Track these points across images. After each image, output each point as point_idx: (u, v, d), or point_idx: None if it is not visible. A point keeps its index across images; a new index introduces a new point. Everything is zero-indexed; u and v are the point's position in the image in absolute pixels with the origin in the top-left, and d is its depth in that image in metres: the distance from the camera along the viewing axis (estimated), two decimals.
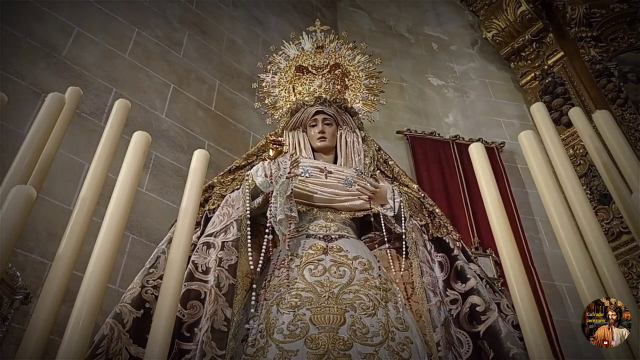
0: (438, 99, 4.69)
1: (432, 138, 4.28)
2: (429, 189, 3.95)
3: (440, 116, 4.55)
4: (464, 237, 3.72)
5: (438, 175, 4.05)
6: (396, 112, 4.37)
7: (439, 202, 3.86)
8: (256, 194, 1.86)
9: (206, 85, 3.60)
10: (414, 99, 4.63)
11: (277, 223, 1.72)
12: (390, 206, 1.91)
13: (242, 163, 2.12)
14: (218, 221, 1.77)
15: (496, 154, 4.25)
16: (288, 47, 2.38)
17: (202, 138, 3.30)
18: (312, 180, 1.97)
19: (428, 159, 4.12)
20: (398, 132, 4.27)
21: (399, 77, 4.75)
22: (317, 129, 2.16)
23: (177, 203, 2.88)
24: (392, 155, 4.13)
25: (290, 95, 2.33)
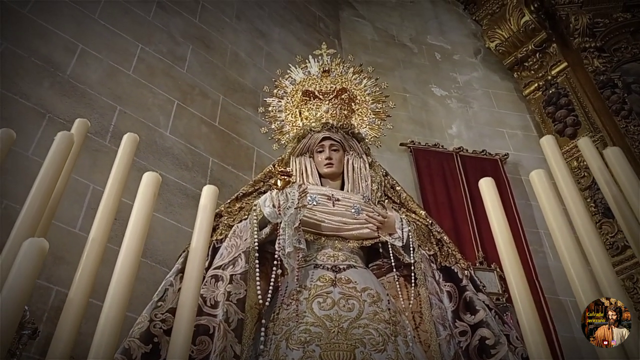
0: (441, 110, 4.68)
1: (436, 150, 4.27)
2: (433, 202, 3.95)
3: (443, 127, 4.54)
4: (468, 252, 3.76)
5: (442, 188, 4.04)
6: (399, 123, 4.36)
7: (443, 215, 3.86)
8: (264, 224, 1.85)
9: (210, 100, 3.60)
10: (417, 109, 4.62)
11: (286, 256, 1.72)
12: (399, 236, 1.90)
13: (249, 190, 2.11)
14: (226, 253, 1.77)
15: (500, 166, 4.25)
16: (294, 71, 2.37)
17: (206, 155, 3.29)
18: (319, 208, 1.97)
19: (432, 172, 4.11)
20: (402, 144, 4.27)
21: (402, 88, 4.74)
22: (324, 155, 2.15)
23: (183, 222, 2.88)
24: (395, 168, 4.18)
25: (297, 120, 2.32)
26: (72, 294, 1.05)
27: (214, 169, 3.27)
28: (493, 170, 4.19)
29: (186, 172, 3.10)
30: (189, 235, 3.00)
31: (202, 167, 3.22)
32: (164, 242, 2.73)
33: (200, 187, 3.11)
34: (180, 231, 2.83)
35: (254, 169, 3.51)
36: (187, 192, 3.02)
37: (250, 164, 3.50)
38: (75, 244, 2.37)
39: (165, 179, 2.95)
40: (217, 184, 3.29)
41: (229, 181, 3.28)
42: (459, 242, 3.69)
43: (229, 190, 3.21)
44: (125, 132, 2.97)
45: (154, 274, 2.60)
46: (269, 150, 3.39)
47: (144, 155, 2.93)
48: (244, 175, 3.38)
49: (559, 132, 4.39)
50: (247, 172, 3.43)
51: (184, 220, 2.88)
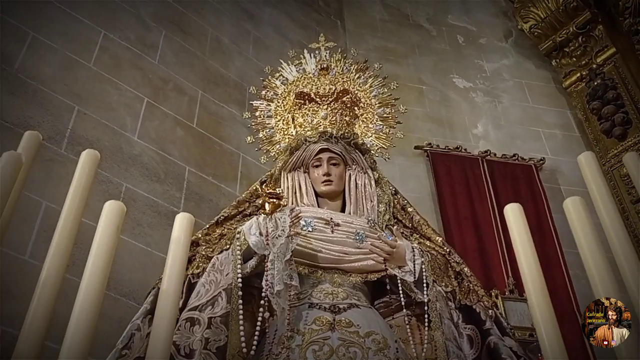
0: (464, 105, 4.70)
1: (458, 154, 4.29)
2: (454, 218, 3.96)
3: (467, 126, 4.56)
4: (496, 278, 3.77)
5: (465, 200, 4.06)
6: (414, 121, 4.38)
7: (466, 233, 3.88)
8: (249, 255, 1.86)
9: (186, 96, 3.62)
10: (435, 105, 4.64)
11: (275, 295, 1.73)
12: (410, 269, 1.91)
13: (232, 212, 2.12)
14: (204, 291, 1.78)
15: (534, 173, 4.27)
16: (286, 69, 2.39)
17: (181, 163, 3.31)
18: (315, 235, 1.97)
19: (453, 181, 4.13)
20: (417, 147, 4.28)
21: (417, 79, 4.76)
22: (321, 170, 2.16)
23: (153, 246, 2.90)
24: (409, 176, 4.19)
25: (289, 127, 2.34)
26: (24, 336, 1.07)
27: (191, 180, 3.29)
28: (526, 179, 4.21)
29: (158, 184, 3.13)
30: (161, 262, 2.99)
31: (177, 178, 3.24)
32: (131, 269, 2.75)
33: (174, 202, 3.16)
34: (151, 256, 2.85)
35: (239, 179, 3.53)
36: (159, 209, 3.04)
37: (234, 173, 3.52)
38: (25, 274, 2.39)
39: (133, 193, 2.97)
40: (194, 198, 3.34)
41: (209, 195, 3.30)
42: (485, 266, 3.70)
43: (208, 206, 3.24)
44: (84, 136, 3.02)
45: (119, 308, 2.62)
46: (257, 157, 3.40)
47: (108, 165, 2.95)
48: (227, 188, 3.40)
49: (606, 133, 4.40)
50: (231, 184, 3.45)
51: (154, 243, 2.90)
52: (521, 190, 4.08)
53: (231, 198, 3.17)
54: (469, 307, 1.94)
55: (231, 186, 3.44)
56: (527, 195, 4.02)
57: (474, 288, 1.99)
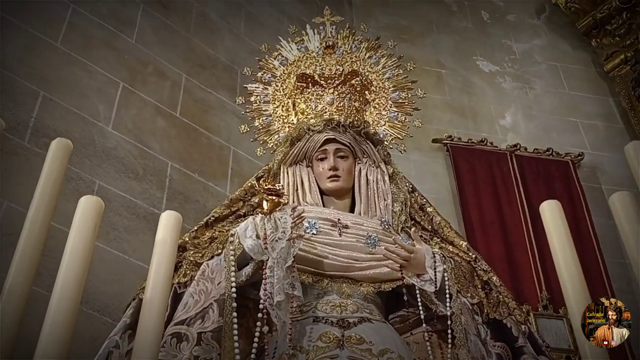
0: (490, 92, 4.72)
1: (483, 148, 4.31)
2: (478, 222, 3.98)
3: (493, 116, 4.58)
4: (528, 291, 3.79)
5: (490, 201, 4.08)
6: (432, 111, 4.40)
7: (493, 240, 3.90)
8: (244, 261, 1.87)
9: (169, 81, 3.63)
10: (456, 92, 4.66)
11: (274, 306, 1.75)
12: (430, 278, 1.92)
13: (224, 212, 2.13)
14: (192, 302, 1.79)
15: (572, 170, 4.29)
16: (286, 47, 2.40)
17: (163, 158, 3.33)
18: (321, 238, 1.98)
19: (476, 179, 4.15)
20: (435, 141, 4.30)
21: (435, 61, 4.78)
22: (327, 163, 2.17)
23: (130, 253, 2.91)
24: (426, 173, 4.21)
25: (290, 115, 2.35)
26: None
27: (174, 177, 3.30)
28: (562, 177, 4.23)
29: (135, 182, 3.14)
30: (140, 272, 3.01)
31: (158, 175, 3.25)
32: (105, 280, 2.77)
33: (155, 203, 3.18)
34: (127, 265, 2.87)
35: (230, 176, 3.54)
36: (137, 211, 3.06)
37: (224, 169, 3.53)
38: None
39: (107, 192, 2.99)
40: (178, 198, 3.35)
41: (194, 194, 3.31)
42: (515, 278, 3.72)
43: (194, 207, 3.25)
44: (51, 126, 3.03)
45: (91, 324, 2.63)
46: (251, 151, 3.43)
47: (78, 159, 2.97)
48: (215, 187, 3.42)
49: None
50: (220, 182, 3.47)
51: (131, 250, 2.91)
52: (556, 190, 4.10)
53: (221, 198, 3.19)
54: (498, 321, 1.95)
55: (220, 185, 3.45)
56: (563, 196, 4.03)
57: (504, 300, 2.00)
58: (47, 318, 1.06)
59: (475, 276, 2.05)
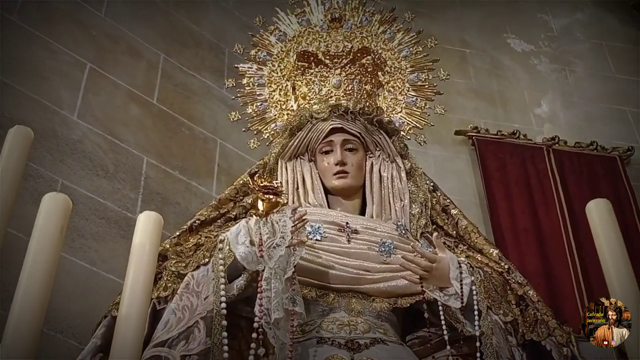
0: (523, 76, 4.71)
1: (514, 142, 4.30)
2: (510, 228, 3.97)
3: (526, 104, 4.58)
4: (568, 309, 3.77)
5: (524, 205, 4.07)
6: (454, 97, 4.39)
7: (526, 250, 3.88)
8: (236, 272, 1.87)
9: (144, 61, 3.62)
10: (483, 75, 4.66)
11: (272, 325, 1.74)
12: (456, 292, 1.92)
13: (211, 215, 2.13)
14: (175, 320, 1.79)
15: (619, 167, 4.28)
16: (284, 20, 2.41)
17: (137, 152, 3.32)
18: (326, 245, 1.98)
19: (507, 178, 4.14)
20: (458, 133, 4.30)
21: (458, 40, 4.78)
22: (333, 157, 2.17)
23: (99, 264, 2.90)
24: (448, 171, 4.19)
25: (289, 100, 2.35)
26: None
27: (150, 175, 3.29)
28: (609, 175, 4.22)
29: (105, 181, 3.13)
30: (111, 286, 3.00)
31: (132, 172, 3.24)
32: (70, 296, 2.75)
33: (128, 206, 3.17)
34: (96, 278, 2.85)
35: (216, 174, 3.53)
36: (107, 215, 3.04)
37: (210, 166, 3.52)
38: None
39: (71, 193, 2.97)
40: (156, 200, 3.33)
41: (175, 195, 3.30)
42: (553, 295, 3.71)
43: (174, 210, 3.24)
44: (6, 115, 3.02)
45: (54, 349, 2.62)
46: (242, 144, 3.41)
47: (38, 154, 2.96)
48: (199, 186, 3.41)
49: None
50: (205, 181, 3.45)
51: (100, 261, 2.90)
52: (601, 191, 4.09)
53: (205, 200, 3.17)
54: (536, 343, 1.95)
55: (205, 184, 3.44)
56: (610, 197, 3.97)
57: (542, 317, 2.00)
58: (4, 343, 1.05)
59: (509, 290, 2.05)
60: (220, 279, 1.82)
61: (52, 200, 1.26)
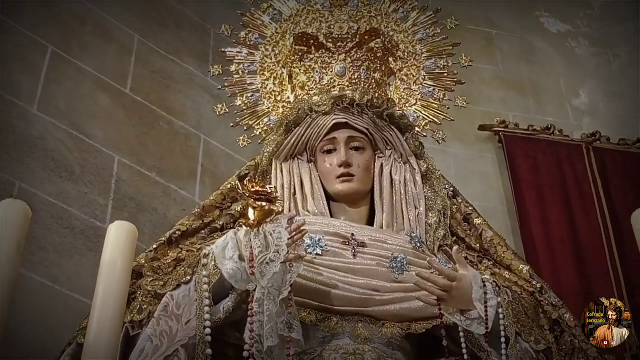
0: (559, 61, 4.71)
1: (549, 139, 4.30)
2: (542, 239, 3.97)
3: (563, 95, 4.57)
4: None
5: (560, 212, 4.06)
6: (479, 87, 4.40)
7: (563, 265, 3.88)
8: (223, 291, 1.88)
9: (115, 44, 3.62)
10: (512, 61, 4.65)
11: (265, 355, 1.74)
12: (480, 315, 1.92)
13: (194, 225, 2.14)
14: (151, 348, 1.79)
15: None
16: None
17: (107, 150, 3.31)
18: (328, 261, 1.98)
19: (540, 181, 4.13)
20: (482, 128, 4.29)
21: (483, 19, 4.77)
22: (336, 157, 2.18)
23: (64, 283, 2.90)
24: (471, 172, 4.18)
25: (285, 90, 2.35)
26: None
27: (123, 177, 3.29)
28: None
29: (70, 184, 3.13)
30: (77, 307, 2.99)
31: (101, 174, 3.24)
32: (29, 320, 2.75)
33: (97, 213, 3.17)
34: (59, 298, 2.85)
35: (200, 176, 3.53)
36: (72, 224, 3.04)
37: (192, 167, 3.52)
38: None
39: (30, 198, 2.98)
40: (129, 206, 3.32)
41: (151, 201, 3.30)
42: None
43: (151, 219, 3.24)
44: None
45: None
46: (230, 141, 3.42)
47: None
48: (180, 190, 3.40)
49: None
50: (187, 184, 3.45)
51: (65, 278, 2.90)
52: None
53: (187, 206, 3.18)
54: None
55: (187, 187, 3.44)
56: None
57: (580, 345, 1.96)
58: None
59: (541, 313, 2.04)
60: (204, 300, 1.83)
61: (9, 208, 1.27)
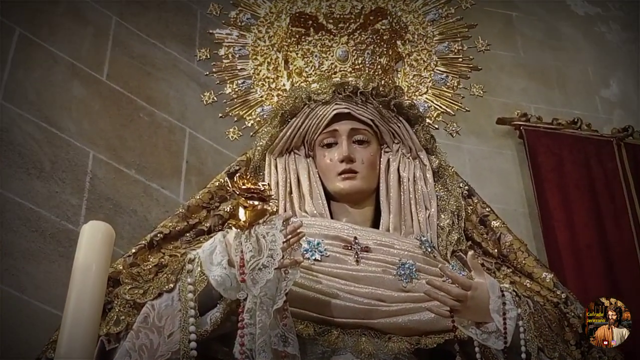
0: (587, 47, 4.71)
1: (575, 134, 4.30)
2: (568, 246, 3.98)
3: (591, 85, 4.58)
4: None
5: (587, 214, 4.07)
6: (497, 75, 4.41)
7: (591, 273, 3.89)
8: (210, 300, 1.89)
9: (90, 27, 3.62)
10: (534, 47, 4.66)
11: None
12: (497, 329, 1.91)
13: (178, 227, 2.15)
14: None
15: None
16: None
17: (81, 145, 3.31)
18: (328, 267, 2.00)
19: (566, 181, 4.14)
20: (501, 121, 4.30)
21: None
22: (337, 152, 2.19)
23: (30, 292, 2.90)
24: (488, 172, 4.18)
25: (280, 76, 2.37)
26: None
27: (98, 174, 3.29)
28: None
29: (39, 182, 3.13)
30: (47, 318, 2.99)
31: (74, 171, 3.24)
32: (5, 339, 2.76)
33: (69, 214, 3.17)
34: (27, 309, 2.85)
35: (185, 174, 3.53)
36: (41, 226, 3.04)
37: (176, 163, 3.53)
38: None
39: None
40: (105, 207, 3.31)
41: (130, 201, 3.30)
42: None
43: (130, 221, 3.24)
44: None
45: None
46: (218, 134, 3.42)
47: None
48: (163, 190, 3.40)
49: None
50: (170, 182, 3.45)
51: (33, 287, 2.90)
52: None
53: (170, 207, 3.18)
54: None
55: (170, 186, 3.44)
56: None
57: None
58: None
59: (567, 326, 2.02)
60: (189, 310, 1.83)
61: None
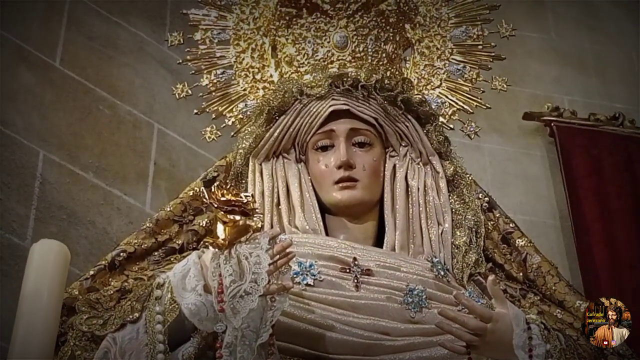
0: (630, 29, 4.73)
1: (616, 132, 4.32)
2: (608, 266, 4.00)
3: (635, 74, 4.59)
4: None
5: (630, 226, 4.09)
6: (525, 62, 4.42)
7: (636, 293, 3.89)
8: (182, 333, 1.91)
9: (41, 3, 3.63)
10: (568, 28, 4.68)
11: None
12: None
13: (145, 243, 2.17)
14: None
15: None
16: None
17: (29, 143, 3.32)
18: (322, 293, 2.01)
19: (604, 188, 4.16)
20: (529, 117, 4.31)
21: None
22: (334, 156, 2.21)
23: None
24: (513, 175, 4.18)
25: (267, 66, 2.39)
26: None
27: (49, 179, 3.30)
28: None
29: None
30: None
31: (20, 174, 3.25)
32: None
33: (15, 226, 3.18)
34: None
35: (152, 178, 3.54)
36: None
37: (142, 166, 3.54)
38: None
39: None
40: (58, 217, 3.31)
41: (88, 212, 3.30)
42: None
43: (88, 235, 3.25)
44: None
45: None
46: (193, 133, 3.44)
47: None
48: (126, 197, 3.41)
49: None
50: (135, 189, 3.46)
51: None
52: None
53: (135, 218, 3.20)
54: None
55: (136, 193, 3.44)
56: None
57: None
58: None
59: None
60: (157, 344, 1.85)
61: None
